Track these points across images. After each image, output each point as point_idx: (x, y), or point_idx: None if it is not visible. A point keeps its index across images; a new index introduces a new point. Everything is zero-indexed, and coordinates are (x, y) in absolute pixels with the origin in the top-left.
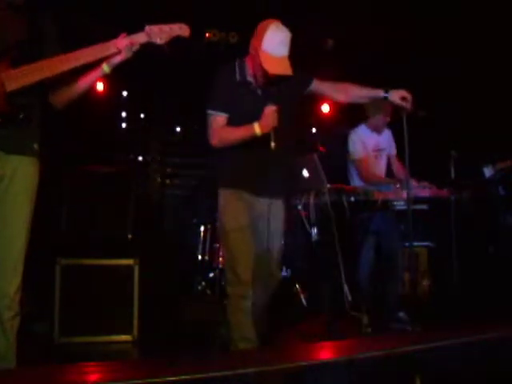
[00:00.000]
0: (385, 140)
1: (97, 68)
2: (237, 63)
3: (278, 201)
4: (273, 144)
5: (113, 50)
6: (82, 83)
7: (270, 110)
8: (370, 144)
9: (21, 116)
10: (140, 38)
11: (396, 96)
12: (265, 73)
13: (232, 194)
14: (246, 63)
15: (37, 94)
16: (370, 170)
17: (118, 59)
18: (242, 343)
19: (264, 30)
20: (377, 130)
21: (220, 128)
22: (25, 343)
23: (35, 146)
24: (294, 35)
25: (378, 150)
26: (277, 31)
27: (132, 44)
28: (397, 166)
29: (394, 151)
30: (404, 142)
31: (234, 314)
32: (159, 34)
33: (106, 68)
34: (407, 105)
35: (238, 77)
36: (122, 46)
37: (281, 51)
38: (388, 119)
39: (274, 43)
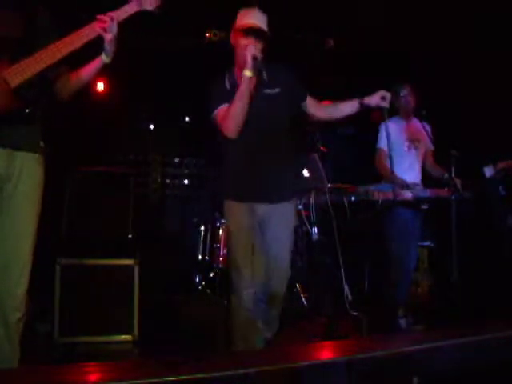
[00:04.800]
0: (417, 130)
1: (96, 59)
2: (226, 72)
3: (282, 205)
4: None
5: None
6: (85, 74)
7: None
8: (403, 135)
9: (27, 111)
10: (131, 9)
11: (374, 99)
12: (245, 50)
13: (234, 203)
14: (234, 69)
15: (40, 89)
16: (383, 162)
17: (107, 43)
18: (242, 343)
19: (237, 17)
20: (406, 115)
21: (223, 113)
22: (25, 343)
23: (41, 143)
24: (294, 35)
25: (412, 141)
26: (247, 10)
27: (116, 19)
28: (430, 163)
29: (430, 146)
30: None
31: (236, 313)
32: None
33: (104, 58)
34: (386, 104)
35: (227, 85)
36: (106, 25)
37: (255, 19)
38: (412, 103)
39: (246, 17)
